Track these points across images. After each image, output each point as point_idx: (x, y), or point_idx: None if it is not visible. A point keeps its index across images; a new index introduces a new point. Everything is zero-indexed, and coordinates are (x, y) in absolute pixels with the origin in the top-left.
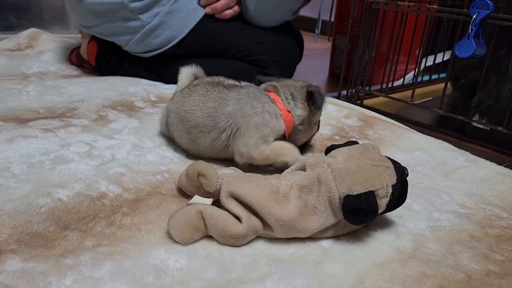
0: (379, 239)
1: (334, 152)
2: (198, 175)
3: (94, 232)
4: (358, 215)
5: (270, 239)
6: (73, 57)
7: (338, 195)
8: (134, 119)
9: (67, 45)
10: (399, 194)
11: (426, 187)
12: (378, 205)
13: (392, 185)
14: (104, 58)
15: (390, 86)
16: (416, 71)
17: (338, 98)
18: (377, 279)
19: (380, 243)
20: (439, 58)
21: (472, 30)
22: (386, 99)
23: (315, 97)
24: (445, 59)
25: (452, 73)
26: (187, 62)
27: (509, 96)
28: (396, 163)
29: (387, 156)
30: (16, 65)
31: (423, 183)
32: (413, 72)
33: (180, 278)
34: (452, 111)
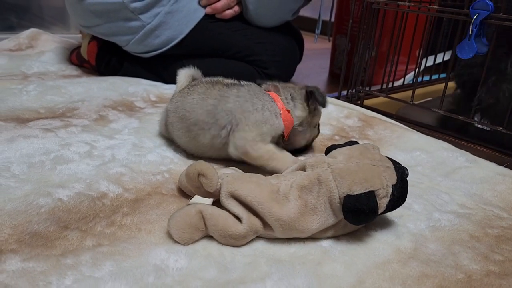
0: (379, 239)
1: (334, 152)
2: (198, 175)
3: (95, 232)
4: (358, 215)
5: (270, 239)
6: (73, 57)
7: (338, 195)
8: (135, 119)
9: (68, 45)
10: (399, 194)
11: (426, 187)
12: (378, 205)
13: (392, 185)
14: (104, 58)
15: (390, 86)
16: (416, 71)
17: (338, 98)
18: (377, 279)
19: (380, 243)
20: (439, 59)
21: (472, 31)
22: (386, 99)
23: (316, 95)
24: (445, 59)
25: (456, 70)
26: (187, 62)
27: (508, 96)
28: (396, 163)
29: (387, 156)
30: (17, 65)
31: (423, 183)
32: (413, 72)
33: (180, 278)
34: (456, 110)
